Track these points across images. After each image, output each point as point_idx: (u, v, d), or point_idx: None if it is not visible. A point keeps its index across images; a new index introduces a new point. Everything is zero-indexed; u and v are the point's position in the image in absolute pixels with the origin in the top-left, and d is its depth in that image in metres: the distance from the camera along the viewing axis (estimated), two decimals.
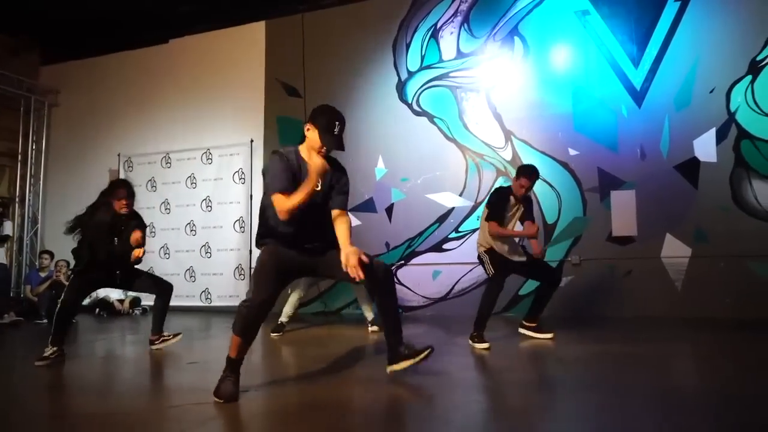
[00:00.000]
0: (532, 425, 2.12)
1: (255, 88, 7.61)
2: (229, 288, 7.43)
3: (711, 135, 5.71)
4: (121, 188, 4.07)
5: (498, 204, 4.28)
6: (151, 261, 7.82)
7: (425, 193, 6.77)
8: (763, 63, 5.58)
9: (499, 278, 4.24)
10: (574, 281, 6.03)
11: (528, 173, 4.27)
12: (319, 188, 2.69)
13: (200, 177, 7.70)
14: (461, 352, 3.78)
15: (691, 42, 5.85)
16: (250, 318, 2.55)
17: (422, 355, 2.72)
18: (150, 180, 7.96)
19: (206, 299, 7.49)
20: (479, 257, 4.36)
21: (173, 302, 7.53)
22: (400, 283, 6.78)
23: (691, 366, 3.40)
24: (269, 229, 2.72)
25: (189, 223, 7.68)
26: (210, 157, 7.65)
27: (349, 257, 2.58)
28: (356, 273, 2.53)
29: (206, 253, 7.56)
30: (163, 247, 7.82)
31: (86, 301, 7.41)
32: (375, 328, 4.97)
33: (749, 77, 5.62)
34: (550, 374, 3.20)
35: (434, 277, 6.66)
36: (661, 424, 2.06)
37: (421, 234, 6.71)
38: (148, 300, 7.65)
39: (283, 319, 5.07)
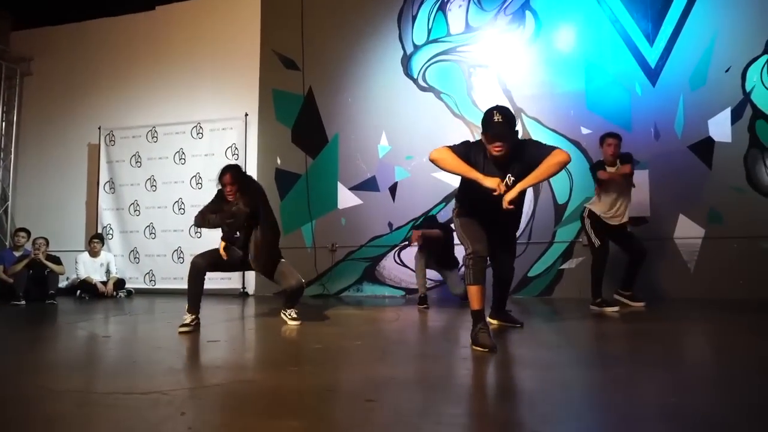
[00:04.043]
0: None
1: (249, 59, 7.21)
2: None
3: (726, 115, 5.63)
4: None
5: None
6: (135, 241, 7.39)
7: (431, 172, 6.52)
8: None
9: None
10: (586, 262, 5.89)
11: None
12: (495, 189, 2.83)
13: (190, 152, 7.26)
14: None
15: (708, 20, 5.76)
16: (479, 266, 2.90)
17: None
18: (134, 155, 7.48)
19: None
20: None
21: (160, 285, 7.22)
22: (404, 265, 6.55)
23: (701, 342, 3.28)
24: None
25: (177, 201, 7.24)
26: (201, 131, 7.22)
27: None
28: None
29: (196, 233, 7.13)
30: (148, 226, 7.36)
31: (64, 283, 6.94)
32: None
33: (765, 57, 5.56)
34: (568, 352, 3.03)
35: None
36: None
37: (426, 214, 6.46)
38: (132, 283, 7.23)
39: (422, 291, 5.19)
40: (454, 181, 6.42)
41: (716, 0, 5.76)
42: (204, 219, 3.99)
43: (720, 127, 5.65)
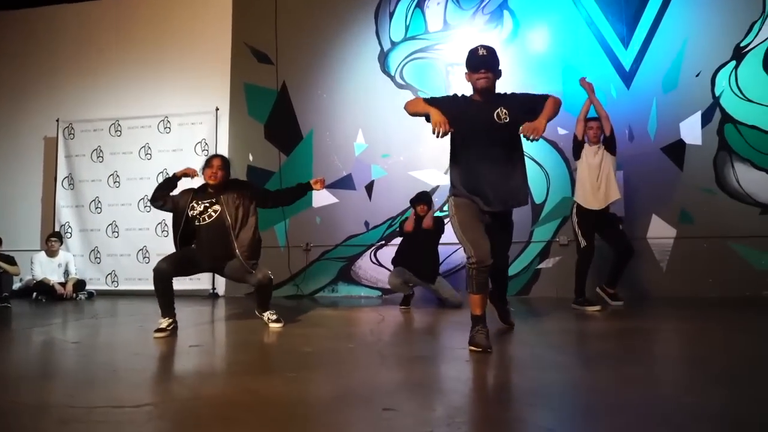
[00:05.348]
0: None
1: (220, 52, 6.96)
2: None
3: (696, 118, 5.78)
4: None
5: None
6: (97, 240, 7.03)
7: (408, 171, 6.46)
8: (746, 49, 5.70)
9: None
10: (563, 262, 5.95)
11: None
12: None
13: (156, 147, 6.94)
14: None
15: (680, 25, 5.89)
16: (482, 276, 2.77)
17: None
18: (96, 150, 7.10)
19: None
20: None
21: (123, 286, 6.88)
22: (381, 265, 6.45)
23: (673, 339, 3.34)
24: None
25: (143, 199, 6.91)
26: (168, 125, 6.91)
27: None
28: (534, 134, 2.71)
29: (163, 231, 6.85)
30: (111, 224, 7.00)
31: (17, 285, 6.52)
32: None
33: (733, 63, 5.73)
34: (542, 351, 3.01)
35: None
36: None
37: (402, 213, 6.37)
38: (93, 284, 6.87)
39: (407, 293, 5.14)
40: (433, 180, 6.40)
41: (687, 6, 5.90)
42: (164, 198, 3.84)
43: (691, 130, 5.79)
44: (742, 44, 5.71)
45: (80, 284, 6.58)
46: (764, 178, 5.57)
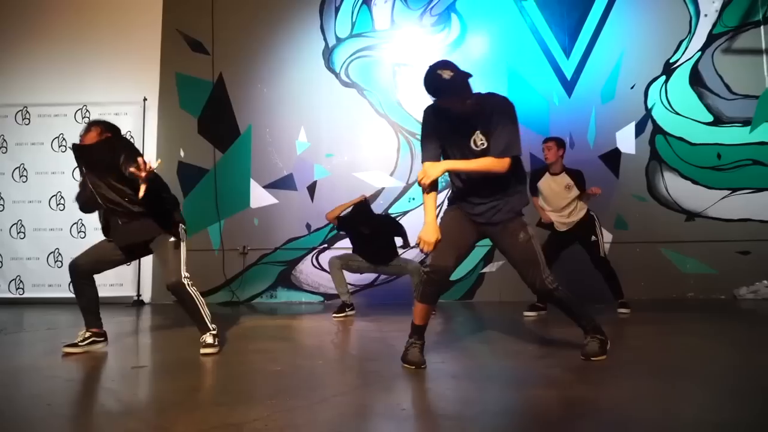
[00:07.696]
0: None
1: (149, 37, 6.38)
2: (110, 275, 6.09)
3: (631, 128, 6.05)
4: None
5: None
6: None
7: (352, 172, 6.26)
8: (675, 65, 6.05)
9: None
10: (506, 266, 5.97)
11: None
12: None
13: (73, 139, 6.22)
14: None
15: (617, 38, 6.14)
16: (431, 287, 2.73)
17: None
18: None
19: None
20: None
21: (30, 293, 6.13)
22: (323, 269, 6.20)
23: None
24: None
25: (55, 195, 6.19)
26: (87, 115, 6.22)
27: None
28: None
29: (79, 232, 6.17)
30: (15, 224, 6.21)
31: None
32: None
33: (663, 77, 6.05)
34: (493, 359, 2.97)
35: None
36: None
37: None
38: None
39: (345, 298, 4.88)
40: (378, 182, 6.25)
41: (624, 21, 6.15)
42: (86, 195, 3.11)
43: (626, 140, 6.05)
44: (671, 60, 6.05)
45: None
46: (689, 187, 5.94)
